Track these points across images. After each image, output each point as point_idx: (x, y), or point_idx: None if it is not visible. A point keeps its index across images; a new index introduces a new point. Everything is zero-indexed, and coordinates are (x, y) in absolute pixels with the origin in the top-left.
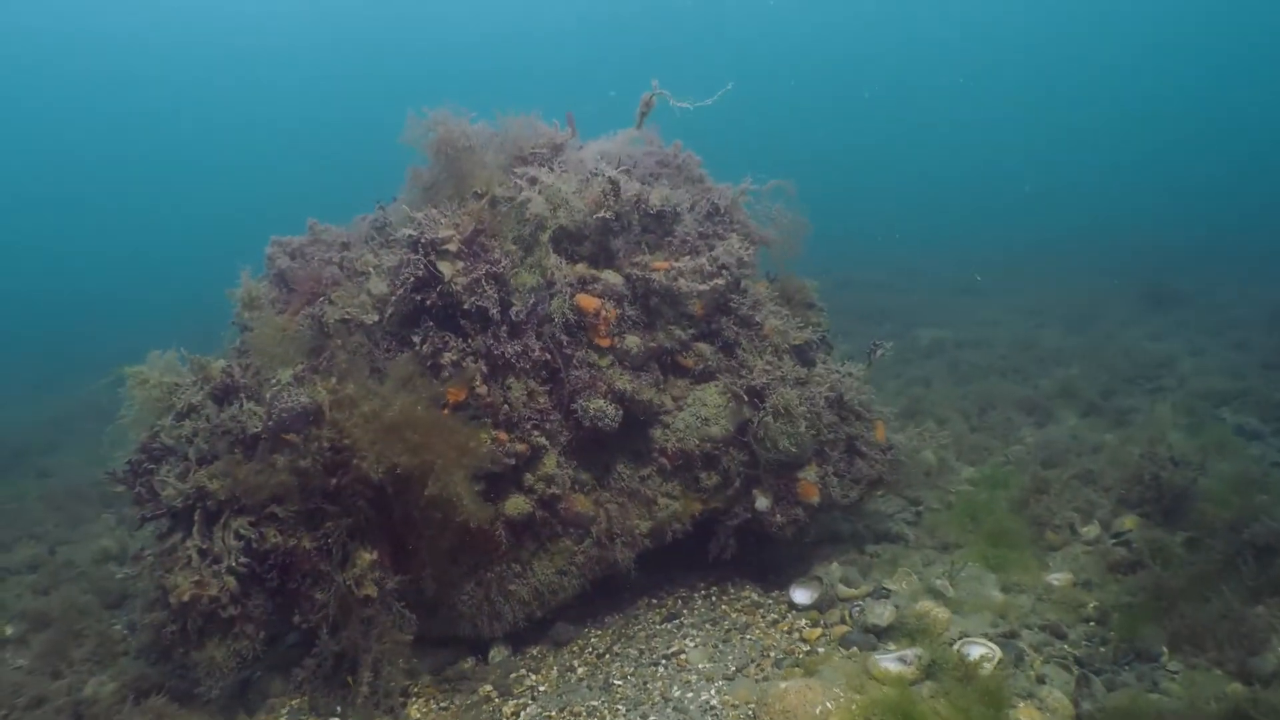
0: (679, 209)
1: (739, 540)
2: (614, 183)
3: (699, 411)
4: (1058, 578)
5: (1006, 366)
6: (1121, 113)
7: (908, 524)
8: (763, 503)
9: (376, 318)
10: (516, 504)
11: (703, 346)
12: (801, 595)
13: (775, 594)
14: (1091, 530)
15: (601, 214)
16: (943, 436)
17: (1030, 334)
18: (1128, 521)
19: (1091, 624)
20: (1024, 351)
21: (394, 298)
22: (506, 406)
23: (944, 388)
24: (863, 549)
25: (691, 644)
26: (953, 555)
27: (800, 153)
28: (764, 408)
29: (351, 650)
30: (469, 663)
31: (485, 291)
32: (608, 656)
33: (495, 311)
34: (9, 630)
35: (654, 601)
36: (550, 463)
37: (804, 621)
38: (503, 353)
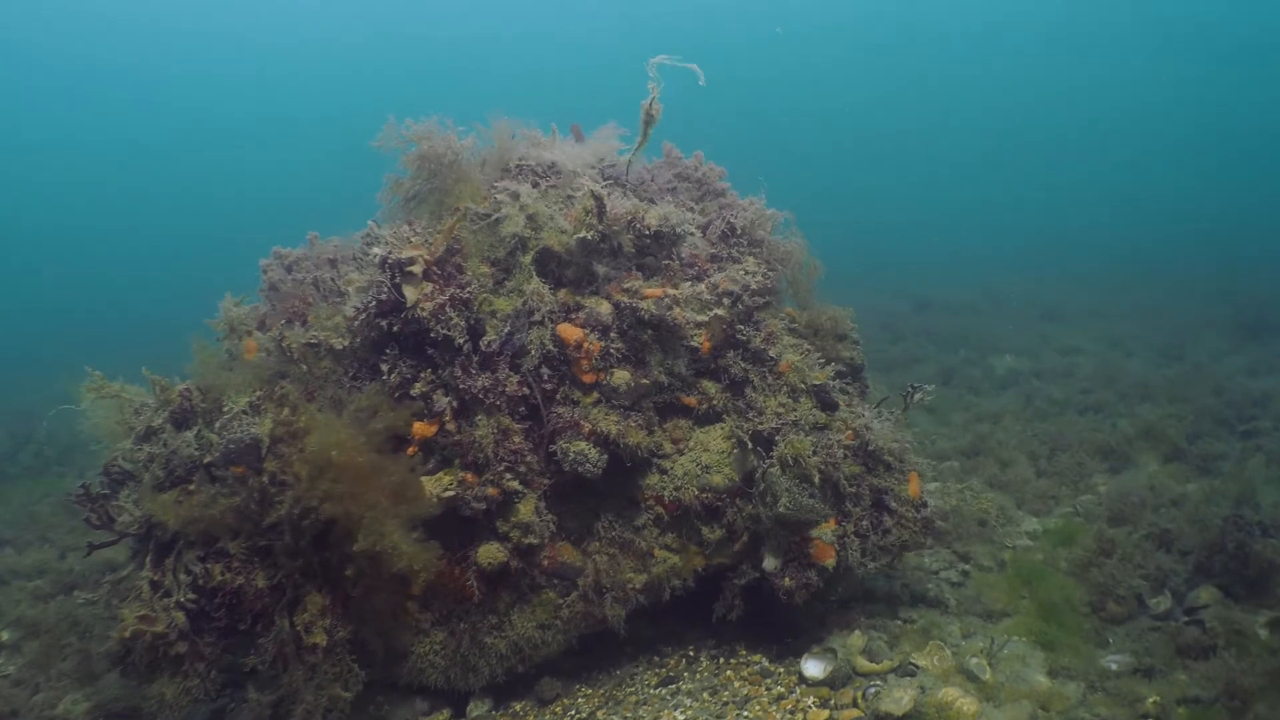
0: (680, 229)
1: (754, 597)
2: (598, 198)
3: (699, 458)
4: (1116, 660)
5: (1086, 402)
6: (1218, 120)
7: (952, 584)
8: (771, 563)
9: (346, 342)
10: (489, 552)
11: (708, 384)
12: (814, 667)
13: (788, 661)
14: (1161, 603)
15: (583, 234)
16: (986, 498)
17: (1115, 365)
18: (1204, 595)
19: None
20: (1107, 385)
21: (357, 322)
22: (476, 446)
23: (1014, 424)
24: (895, 613)
25: (681, 716)
26: (997, 627)
27: (874, 173)
28: (770, 457)
29: (290, 699)
30: (444, 716)
31: (450, 319)
32: None
33: (462, 341)
34: (4, 636)
35: (655, 659)
36: (525, 510)
37: (812, 700)
38: (469, 387)
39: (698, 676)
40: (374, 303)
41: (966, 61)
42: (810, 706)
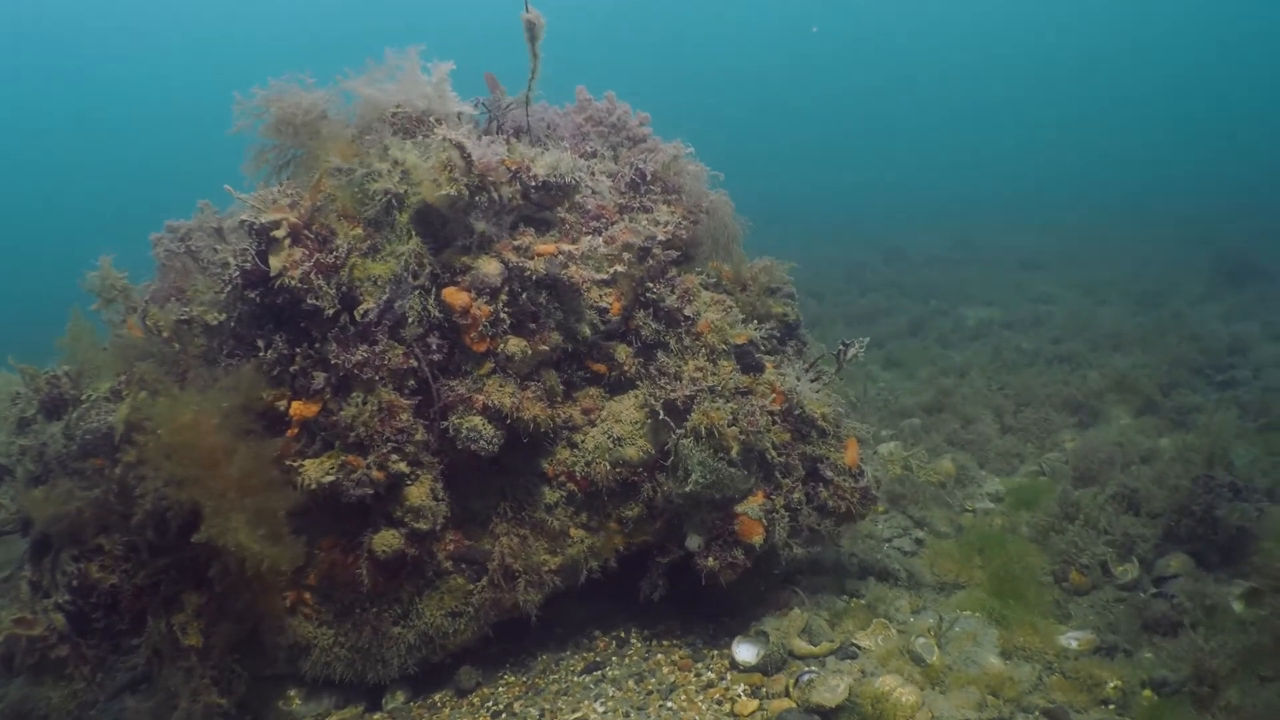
0: (573, 177)
1: (690, 573)
2: (459, 147)
3: (611, 429)
4: (1076, 638)
5: (1056, 353)
6: (1199, 65)
7: (904, 554)
8: (694, 541)
9: (222, 317)
10: (385, 539)
11: (621, 348)
12: (745, 652)
13: (722, 643)
14: (1128, 571)
15: (447, 190)
16: (933, 470)
17: (1089, 313)
18: (1174, 563)
19: (1111, 709)
20: (1079, 334)
21: (224, 295)
22: (360, 425)
23: (981, 378)
24: (842, 586)
25: (601, 707)
26: (949, 601)
27: (856, 119)
28: (683, 427)
29: (166, 705)
30: (357, 710)
31: (319, 287)
32: (504, 716)
33: (332, 311)
34: None
35: (585, 643)
36: (418, 493)
37: (742, 687)
38: (344, 362)
39: (626, 661)
40: (238, 273)
41: (937, 12)
42: (740, 695)
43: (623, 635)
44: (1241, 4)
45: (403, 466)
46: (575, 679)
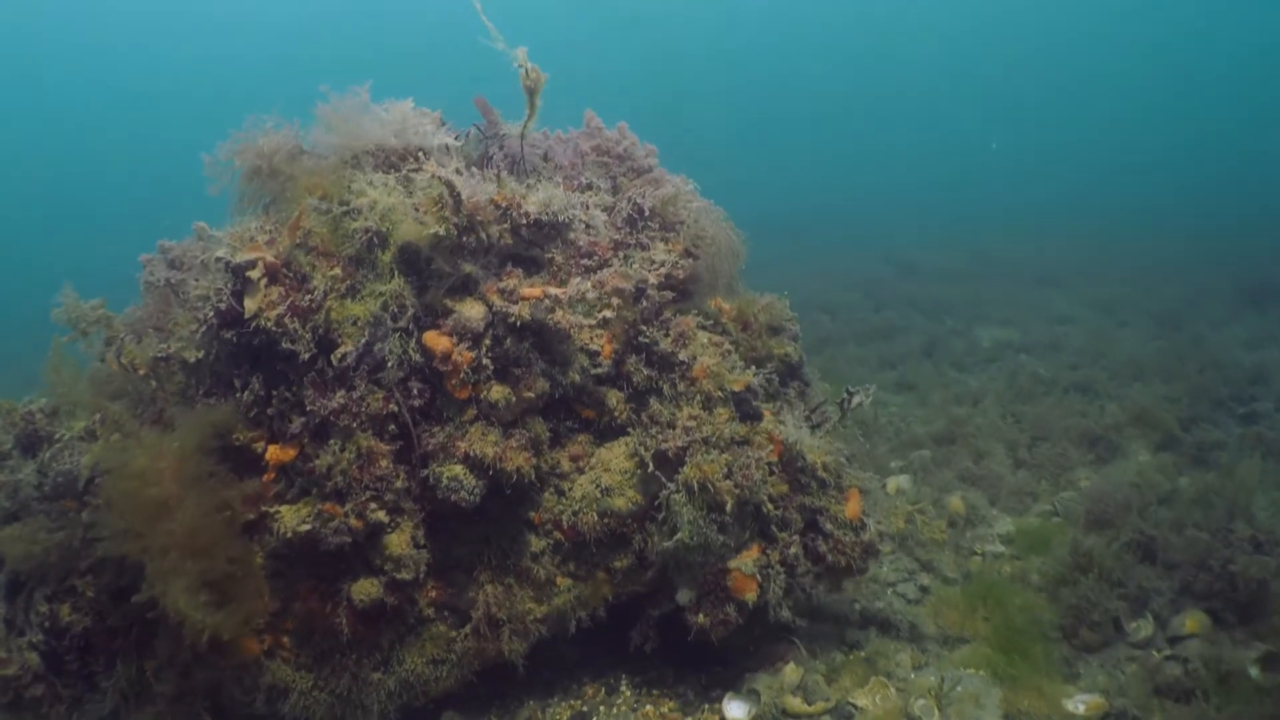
0: (566, 216)
1: (683, 622)
2: (449, 185)
3: (599, 479)
4: (1084, 701)
5: (1073, 381)
6: (1214, 74)
7: (908, 601)
8: (684, 596)
9: (200, 354)
10: (364, 588)
11: (611, 394)
12: (737, 709)
13: (714, 695)
14: (1142, 628)
15: (435, 229)
16: (938, 526)
17: (1107, 336)
18: (1190, 622)
19: None
20: (1097, 359)
21: (199, 335)
22: (338, 474)
23: (995, 408)
24: (842, 635)
25: None
26: (953, 656)
27: (867, 128)
28: (674, 481)
29: None
30: None
31: (294, 330)
32: None
33: (307, 355)
34: None
35: (574, 688)
36: (397, 542)
37: None
38: (320, 408)
39: (614, 712)
40: (213, 313)
41: (949, 18)
42: None
43: (612, 682)
44: (1257, 11)
45: (382, 515)
46: None
